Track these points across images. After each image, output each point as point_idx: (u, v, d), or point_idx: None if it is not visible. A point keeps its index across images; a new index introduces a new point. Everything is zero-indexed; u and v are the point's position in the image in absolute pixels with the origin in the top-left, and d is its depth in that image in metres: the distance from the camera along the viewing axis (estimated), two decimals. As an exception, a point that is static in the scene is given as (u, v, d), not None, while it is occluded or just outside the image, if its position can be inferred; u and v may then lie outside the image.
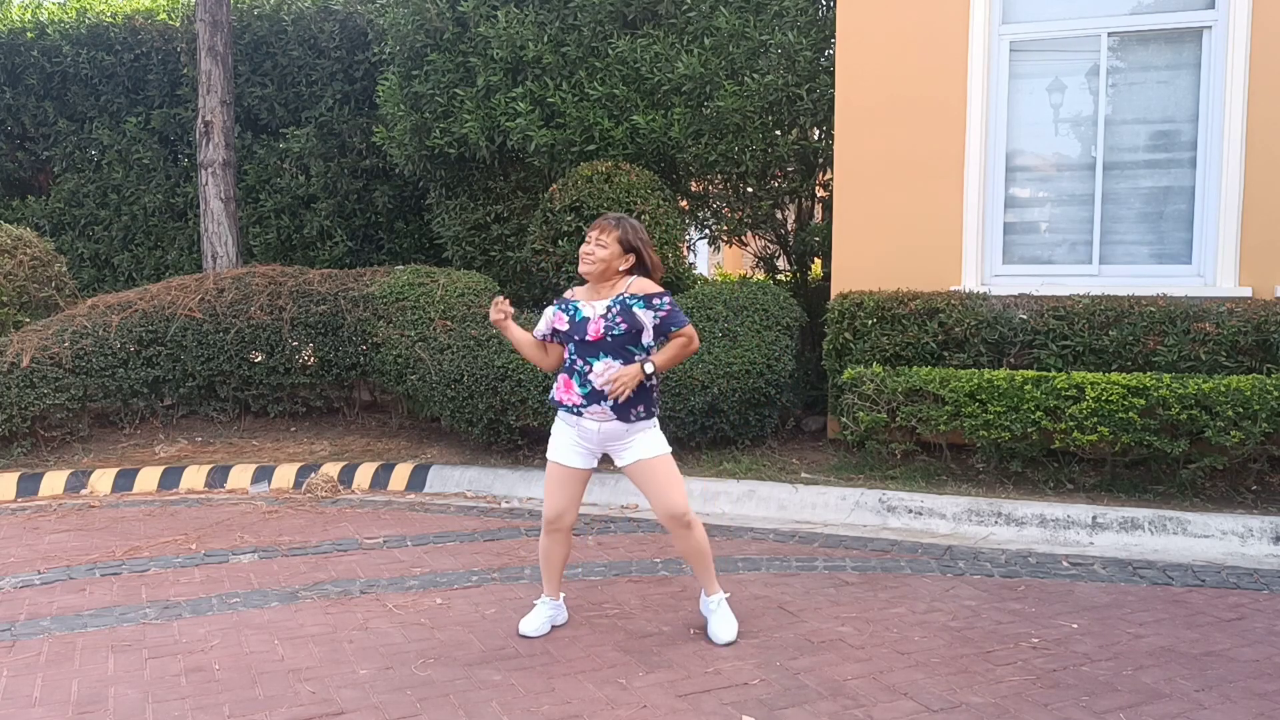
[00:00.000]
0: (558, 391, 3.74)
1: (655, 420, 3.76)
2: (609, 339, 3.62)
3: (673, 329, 3.67)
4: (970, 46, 6.16)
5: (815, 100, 7.06)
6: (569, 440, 3.76)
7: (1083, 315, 5.73)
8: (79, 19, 10.39)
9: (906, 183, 6.34)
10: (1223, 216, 5.81)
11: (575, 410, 3.70)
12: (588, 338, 3.64)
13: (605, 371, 3.62)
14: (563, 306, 3.77)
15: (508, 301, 3.76)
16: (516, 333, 3.85)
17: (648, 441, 3.70)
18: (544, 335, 3.82)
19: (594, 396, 3.65)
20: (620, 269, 3.72)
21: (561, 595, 3.98)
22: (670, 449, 3.76)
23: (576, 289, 3.85)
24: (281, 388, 7.63)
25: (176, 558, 4.92)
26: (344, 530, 5.43)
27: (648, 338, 3.68)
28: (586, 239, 3.73)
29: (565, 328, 3.72)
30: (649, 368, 3.61)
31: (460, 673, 3.51)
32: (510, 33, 7.58)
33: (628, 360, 3.64)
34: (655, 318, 3.65)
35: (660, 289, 3.71)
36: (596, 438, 3.71)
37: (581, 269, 3.72)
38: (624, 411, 3.64)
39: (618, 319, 3.63)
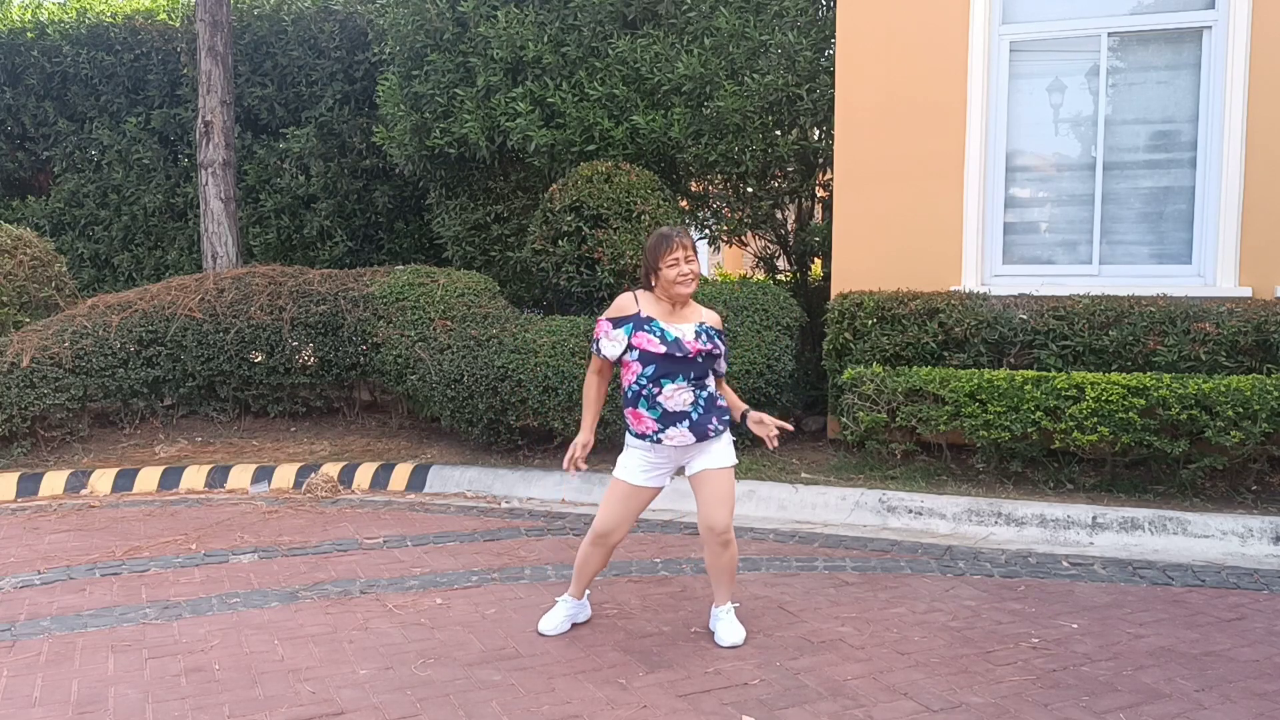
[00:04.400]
0: (632, 424, 3.67)
1: (728, 429, 3.76)
2: (700, 360, 3.62)
3: (722, 368, 3.78)
4: (970, 47, 6.17)
5: (815, 100, 7.06)
6: (642, 463, 3.69)
7: (1083, 315, 5.73)
8: (79, 19, 10.39)
9: (906, 183, 6.34)
10: (1223, 216, 5.81)
11: (653, 438, 3.63)
12: (688, 354, 3.59)
13: (676, 394, 3.58)
14: (642, 326, 3.62)
15: (580, 455, 3.72)
16: (593, 421, 3.79)
17: (720, 450, 3.69)
18: (617, 357, 3.68)
19: (668, 419, 3.60)
20: None
21: (586, 593, 3.96)
22: (737, 462, 3.78)
23: (639, 300, 3.69)
24: (281, 388, 7.63)
25: (176, 558, 4.92)
26: (344, 530, 5.43)
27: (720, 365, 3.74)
28: (673, 261, 3.57)
29: (659, 349, 3.57)
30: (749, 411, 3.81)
31: (460, 673, 3.51)
32: (510, 33, 7.59)
33: (700, 382, 3.63)
34: (721, 351, 3.71)
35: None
36: (675, 454, 3.68)
37: (685, 291, 3.61)
38: (702, 430, 3.63)
39: (708, 343, 3.64)
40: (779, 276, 8.54)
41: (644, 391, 3.61)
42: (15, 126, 10.79)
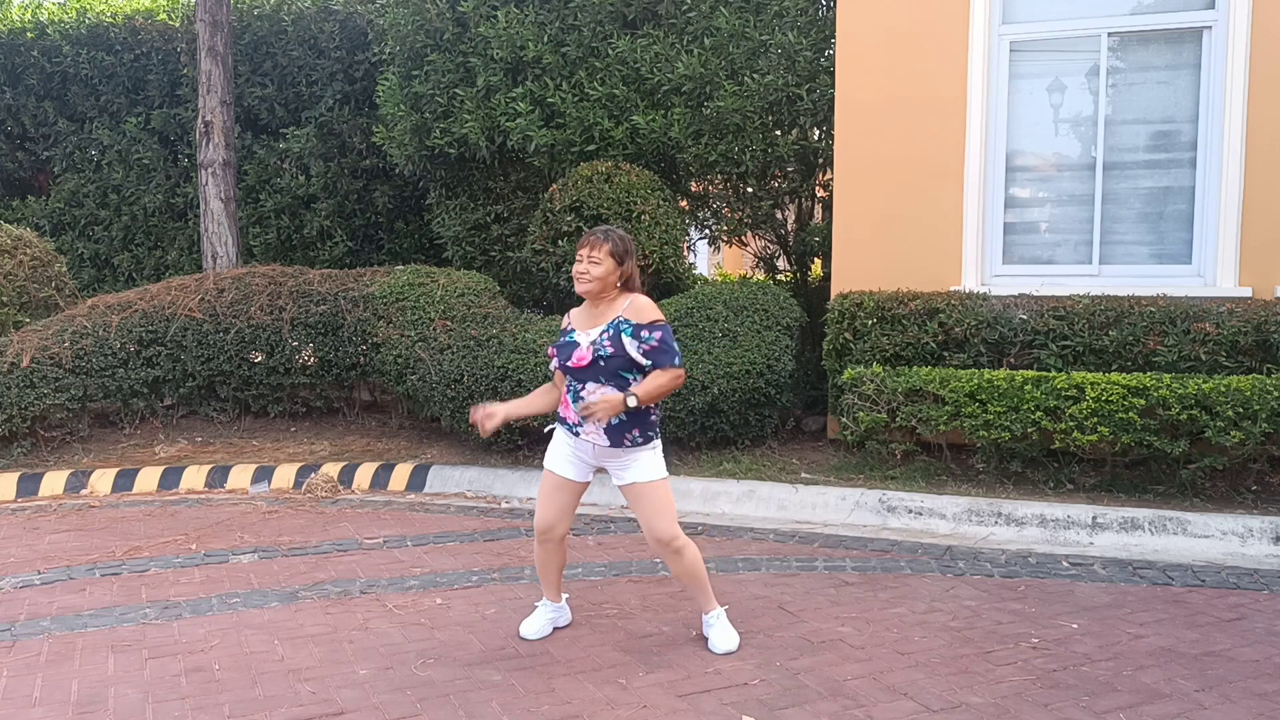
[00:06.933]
0: (561, 408, 3.72)
1: (655, 443, 3.66)
2: (600, 363, 3.53)
3: (659, 368, 3.53)
4: (970, 46, 6.17)
5: (815, 100, 7.06)
6: (566, 451, 3.71)
7: (1083, 315, 5.73)
8: (79, 19, 10.39)
9: (906, 183, 6.34)
10: (1223, 216, 5.81)
11: (572, 429, 3.66)
12: (571, 364, 3.57)
13: (592, 395, 3.54)
14: (560, 337, 3.70)
15: (486, 413, 3.68)
16: (522, 407, 3.78)
17: (644, 465, 3.62)
18: (555, 369, 3.73)
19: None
20: (617, 284, 3.62)
21: (564, 597, 3.97)
22: (667, 474, 3.68)
23: (574, 312, 3.76)
24: (281, 388, 7.62)
25: (176, 558, 4.92)
26: (344, 530, 5.43)
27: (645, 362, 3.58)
28: (578, 258, 3.62)
29: (557, 357, 3.66)
30: (631, 401, 3.45)
31: (460, 673, 3.51)
32: (510, 33, 7.59)
33: (620, 386, 3.54)
34: (640, 349, 3.52)
35: (657, 316, 3.57)
36: (593, 453, 3.66)
37: (578, 289, 3.61)
38: (616, 437, 3.57)
39: (606, 344, 3.54)
40: (779, 276, 8.54)
41: (571, 387, 3.65)
42: (15, 126, 10.78)
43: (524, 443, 6.74)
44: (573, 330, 3.69)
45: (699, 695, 3.31)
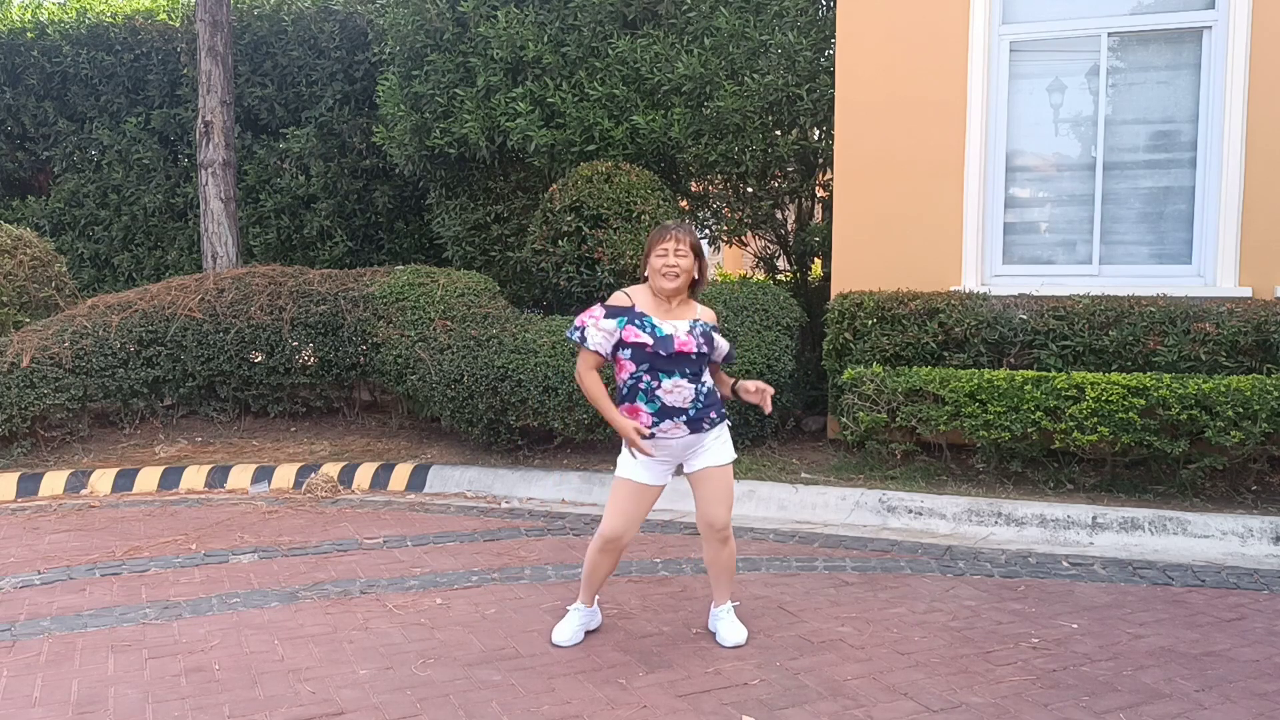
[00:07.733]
0: (628, 413, 3.62)
1: (727, 421, 3.72)
2: (694, 356, 3.56)
3: (724, 362, 3.81)
4: (970, 46, 6.17)
5: (815, 100, 7.06)
6: (643, 459, 3.61)
7: (1083, 315, 5.73)
8: (79, 19, 10.40)
9: (906, 183, 6.34)
10: (1223, 216, 5.81)
11: (649, 435, 3.58)
12: (675, 351, 3.52)
13: (676, 389, 3.53)
14: (633, 320, 3.55)
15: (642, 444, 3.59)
16: (612, 407, 3.68)
17: (720, 447, 3.66)
18: (610, 353, 3.60)
19: (665, 413, 3.54)
20: (695, 277, 3.65)
21: (596, 599, 3.90)
22: (736, 457, 3.79)
23: (637, 298, 3.63)
24: (281, 388, 7.62)
25: (176, 558, 4.92)
26: (344, 530, 5.43)
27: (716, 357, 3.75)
28: (662, 252, 3.55)
29: (647, 341, 3.52)
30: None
31: (460, 673, 3.51)
32: (510, 33, 7.59)
33: (697, 377, 3.57)
34: (727, 352, 3.76)
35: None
36: (677, 448, 3.62)
37: (668, 286, 3.54)
38: (697, 424, 3.58)
39: (701, 340, 3.59)
40: (779, 276, 8.54)
41: (641, 385, 3.55)
42: (15, 126, 10.79)
43: (524, 443, 6.74)
44: (651, 318, 3.58)
45: (699, 695, 3.31)
